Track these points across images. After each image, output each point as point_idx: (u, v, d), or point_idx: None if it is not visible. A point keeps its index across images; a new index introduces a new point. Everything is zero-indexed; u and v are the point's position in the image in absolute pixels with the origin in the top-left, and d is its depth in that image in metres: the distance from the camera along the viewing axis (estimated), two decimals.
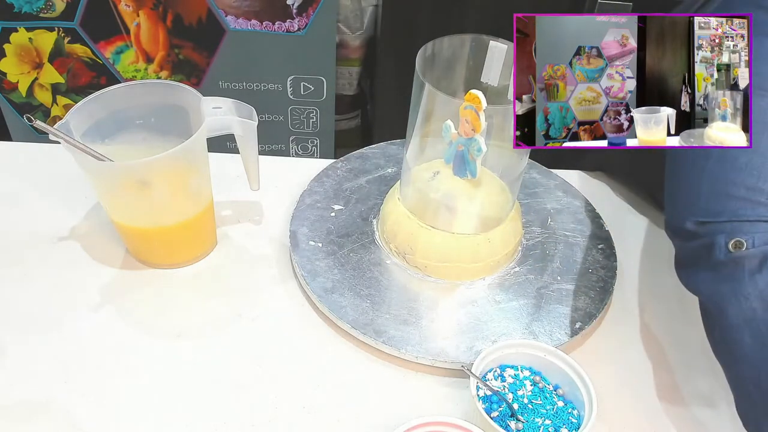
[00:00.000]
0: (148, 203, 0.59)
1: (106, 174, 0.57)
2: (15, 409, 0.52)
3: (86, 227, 0.67)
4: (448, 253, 0.61)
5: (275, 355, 0.57)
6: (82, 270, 0.63)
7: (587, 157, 0.79)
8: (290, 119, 1.35)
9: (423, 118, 0.58)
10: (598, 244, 0.67)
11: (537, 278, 0.63)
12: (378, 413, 0.53)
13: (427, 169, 0.63)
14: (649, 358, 0.60)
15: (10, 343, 0.56)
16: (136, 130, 0.61)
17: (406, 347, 0.56)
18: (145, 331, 0.58)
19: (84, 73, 1.23)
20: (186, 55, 1.22)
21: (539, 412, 0.50)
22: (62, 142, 0.53)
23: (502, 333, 0.58)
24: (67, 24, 1.16)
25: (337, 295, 0.60)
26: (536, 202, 0.72)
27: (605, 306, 0.61)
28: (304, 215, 0.67)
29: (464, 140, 0.55)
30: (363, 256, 0.64)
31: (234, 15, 1.17)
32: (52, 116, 1.29)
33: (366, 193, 0.71)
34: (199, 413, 0.52)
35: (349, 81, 1.49)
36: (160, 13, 1.16)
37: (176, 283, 0.63)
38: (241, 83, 1.27)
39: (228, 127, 0.60)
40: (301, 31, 1.20)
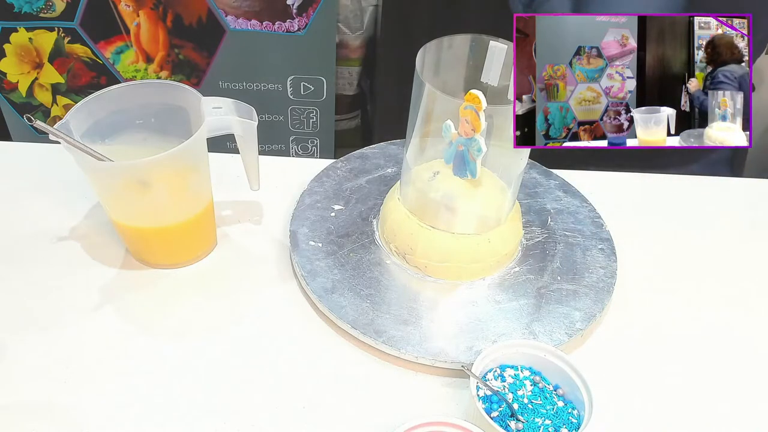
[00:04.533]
0: (148, 203, 0.59)
1: (106, 174, 0.57)
2: (15, 409, 0.52)
3: (86, 227, 0.67)
4: (448, 253, 0.61)
5: (275, 355, 0.57)
6: (82, 270, 0.63)
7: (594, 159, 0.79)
8: (290, 119, 1.35)
9: (423, 118, 0.58)
10: (598, 244, 0.67)
11: (537, 278, 0.63)
12: (378, 413, 0.53)
13: (427, 169, 0.63)
14: (649, 358, 0.60)
15: (10, 343, 0.56)
16: (136, 130, 0.61)
17: (406, 347, 0.56)
18: (145, 331, 0.58)
19: (84, 73, 1.23)
20: (186, 55, 1.22)
21: (539, 412, 0.50)
22: (62, 142, 0.53)
23: (502, 333, 0.58)
24: (67, 24, 1.16)
25: (337, 295, 0.60)
26: (536, 202, 0.72)
27: (605, 306, 0.61)
28: (304, 215, 0.67)
29: (464, 140, 0.55)
30: (363, 256, 0.64)
31: (234, 15, 1.17)
32: (52, 116, 1.29)
33: (366, 193, 0.71)
34: (199, 413, 0.52)
35: (349, 81, 1.49)
36: (160, 13, 1.16)
37: (176, 283, 0.63)
38: (241, 83, 1.27)
39: (228, 127, 0.60)
40: (301, 31, 1.20)
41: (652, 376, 0.58)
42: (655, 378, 0.58)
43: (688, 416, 0.55)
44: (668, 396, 0.57)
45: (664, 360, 0.59)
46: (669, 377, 0.58)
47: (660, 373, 0.58)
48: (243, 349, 0.58)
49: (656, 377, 0.58)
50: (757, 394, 0.57)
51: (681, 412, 0.55)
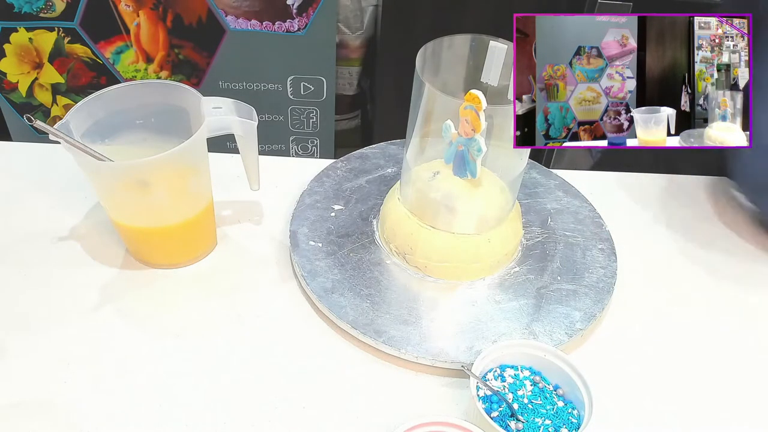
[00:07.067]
0: (148, 203, 0.59)
1: (106, 174, 0.57)
2: (15, 409, 0.52)
3: (86, 227, 0.67)
4: (448, 253, 0.61)
5: (275, 355, 0.57)
6: (82, 270, 0.63)
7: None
8: (290, 119, 1.35)
9: (423, 118, 0.58)
10: (598, 244, 0.67)
11: (537, 278, 0.63)
12: (378, 413, 0.53)
13: (427, 169, 0.63)
14: (649, 358, 0.60)
15: (10, 343, 0.56)
16: (136, 130, 0.61)
17: (406, 347, 0.56)
18: (145, 331, 0.58)
19: (84, 73, 1.23)
20: (186, 55, 1.22)
21: (539, 412, 0.50)
22: (62, 142, 0.53)
23: (502, 333, 0.58)
24: (67, 24, 1.16)
25: (337, 295, 0.60)
26: (536, 202, 0.72)
27: (605, 306, 0.61)
28: (304, 215, 0.67)
29: (464, 140, 0.55)
30: (363, 256, 0.64)
31: (234, 15, 1.17)
32: (52, 116, 1.29)
33: (366, 193, 0.71)
34: (199, 413, 0.52)
35: (349, 81, 1.49)
36: (160, 13, 1.16)
37: (176, 283, 0.63)
38: (241, 83, 1.27)
39: (228, 127, 0.60)
40: (301, 31, 1.20)
41: (652, 375, 0.58)
42: (655, 378, 0.58)
43: (688, 416, 0.55)
44: (668, 396, 0.57)
45: (664, 360, 0.59)
46: (669, 377, 0.58)
47: (660, 372, 0.58)
48: (243, 349, 0.57)
49: (656, 377, 0.58)
50: (757, 394, 0.57)
51: (681, 411, 0.55)
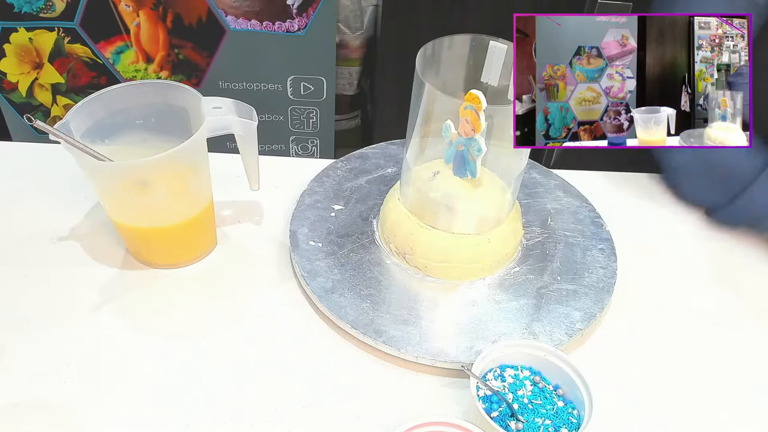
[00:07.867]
0: (148, 203, 0.59)
1: (106, 174, 0.57)
2: (15, 409, 0.52)
3: (86, 227, 0.67)
4: (448, 253, 0.61)
5: (275, 354, 0.57)
6: (82, 270, 0.63)
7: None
8: (290, 119, 1.35)
9: (423, 118, 0.58)
10: (598, 244, 0.67)
11: (537, 278, 0.63)
12: (378, 413, 0.53)
13: (427, 169, 0.63)
14: (649, 358, 0.60)
15: (10, 343, 0.56)
16: (136, 130, 0.61)
17: (406, 347, 0.56)
18: (145, 331, 0.58)
19: (84, 73, 1.23)
20: (186, 55, 1.22)
21: (539, 412, 0.50)
22: (62, 142, 0.53)
23: (502, 333, 0.58)
24: (67, 24, 1.16)
25: (337, 295, 0.60)
26: (536, 202, 0.72)
27: (605, 306, 0.61)
28: (304, 215, 0.67)
29: (464, 140, 0.55)
30: (363, 256, 0.64)
31: (234, 15, 1.17)
32: (52, 116, 1.28)
33: (366, 193, 0.71)
34: (199, 413, 0.52)
35: (349, 81, 1.49)
36: (160, 13, 1.16)
37: (176, 283, 0.63)
38: (241, 83, 1.27)
39: (228, 127, 0.60)
40: (301, 31, 1.20)
41: (652, 375, 0.58)
42: (655, 378, 0.58)
43: (688, 416, 0.55)
44: (668, 396, 0.57)
45: (664, 360, 0.59)
46: (669, 377, 0.58)
47: (660, 372, 0.58)
48: (243, 349, 0.57)
49: (656, 377, 0.58)
50: (757, 394, 0.57)
51: (681, 411, 0.55)
